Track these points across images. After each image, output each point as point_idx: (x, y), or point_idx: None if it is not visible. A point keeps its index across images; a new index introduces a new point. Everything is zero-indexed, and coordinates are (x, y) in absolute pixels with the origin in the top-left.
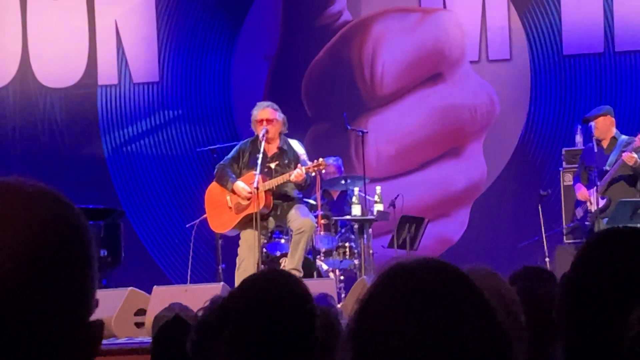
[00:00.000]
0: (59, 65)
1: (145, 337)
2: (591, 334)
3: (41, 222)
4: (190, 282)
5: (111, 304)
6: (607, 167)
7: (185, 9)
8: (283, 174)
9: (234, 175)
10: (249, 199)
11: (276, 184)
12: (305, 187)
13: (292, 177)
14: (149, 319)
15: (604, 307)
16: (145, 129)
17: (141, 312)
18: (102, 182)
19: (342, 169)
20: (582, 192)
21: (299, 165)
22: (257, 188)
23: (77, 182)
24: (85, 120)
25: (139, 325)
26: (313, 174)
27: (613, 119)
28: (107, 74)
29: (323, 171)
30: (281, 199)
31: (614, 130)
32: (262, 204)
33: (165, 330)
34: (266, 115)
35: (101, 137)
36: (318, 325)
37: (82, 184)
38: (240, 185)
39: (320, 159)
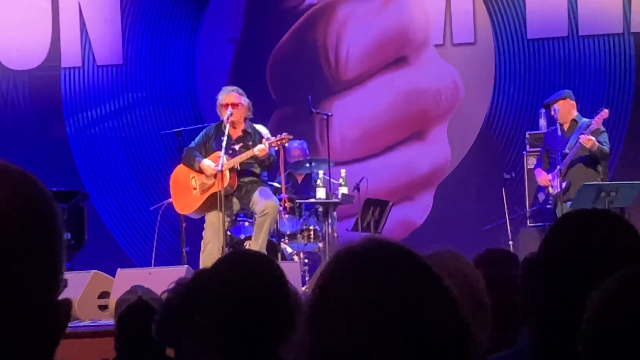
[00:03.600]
0: (22, 47)
1: (108, 319)
2: (559, 316)
3: (6, 197)
4: (154, 265)
5: (74, 287)
6: (566, 150)
7: None
8: None
9: (200, 156)
10: (215, 176)
11: (240, 161)
12: (270, 165)
13: (256, 151)
14: (112, 302)
15: (571, 289)
16: (109, 111)
17: (105, 294)
18: (65, 165)
19: (307, 152)
20: (542, 178)
21: (262, 140)
22: (222, 171)
23: (40, 165)
24: (48, 103)
25: (103, 308)
26: (277, 148)
27: (573, 102)
28: (70, 56)
29: (286, 145)
30: (246, 177)
31: (575, 113)
32: (226, 183)
33: (129, 313)
34: (231, 99)
35: (64, 120)
36: (291, 308)
37: (45, 167)
38: (207, 162)
39: (284, 133)
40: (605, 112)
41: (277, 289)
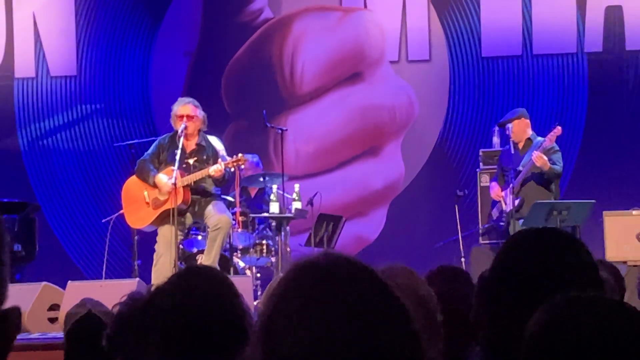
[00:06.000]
0: None
1: (58, 332)
2: (509, 333)
3: None
4: (105, 278)
5: (24, 299)
6: (520, 168)
7: (105, 3)
8: (201, 169)
9: (155, 169)
10: (170, 193)
11: (194, 179)
12: (224, 183)
13: (211, 172)
14: (62, 315)
15: (522, 307)
16: (62, 123)
17: (55, 307)
18: (17, 176)
19: (260, 165)
20: (495, 191)
21: (218, 160)
22: (175, 184)
23: None
24: (0, 113)
25: (53, 320)
26: (232, 169)
27: (528, 121)
28: (24, 67)
29: (242, 167)
30: (199, 194)
31: (529, 132)
32: (180, 200)
33: (78, 326)
34: (187, 111)
35: (17, 131)
36: (248, 323)
37: None
38: (162, 178)
39: (240, 155)
40: (558, 130)
41: (230, 305)
